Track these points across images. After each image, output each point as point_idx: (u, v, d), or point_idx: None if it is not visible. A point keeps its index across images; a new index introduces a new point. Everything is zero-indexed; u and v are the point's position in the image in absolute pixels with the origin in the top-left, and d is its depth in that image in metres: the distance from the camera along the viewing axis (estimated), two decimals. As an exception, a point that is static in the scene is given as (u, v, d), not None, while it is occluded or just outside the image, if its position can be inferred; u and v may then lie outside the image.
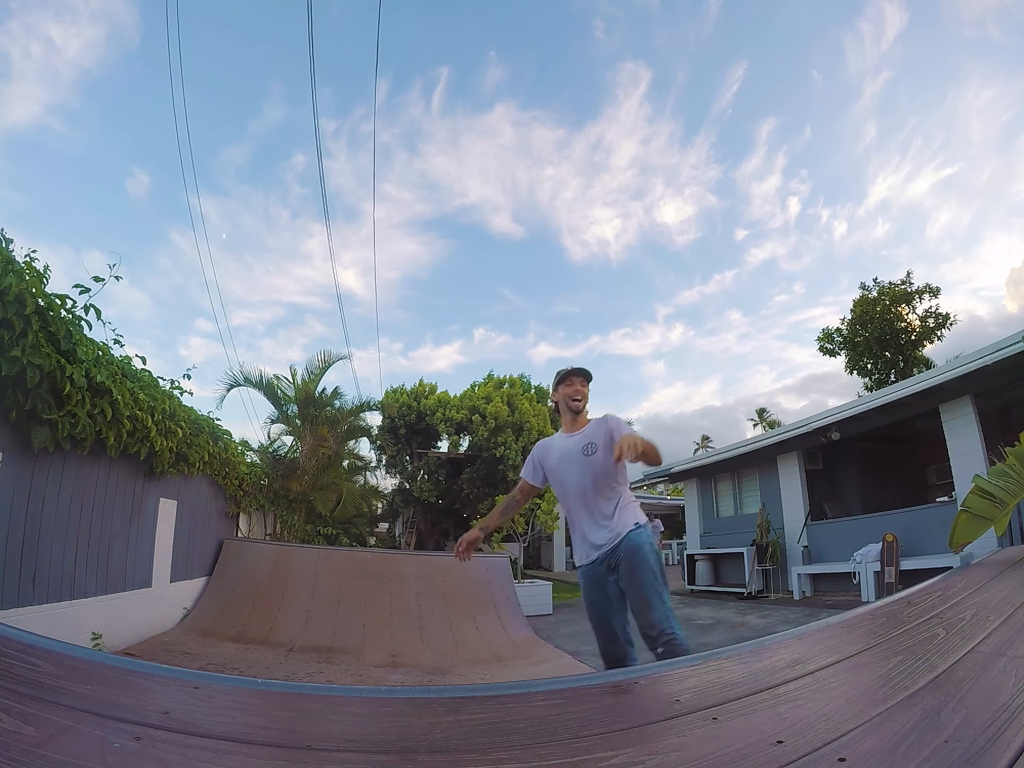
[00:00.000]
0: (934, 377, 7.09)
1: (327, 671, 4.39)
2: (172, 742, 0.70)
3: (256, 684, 1.16)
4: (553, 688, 1.08)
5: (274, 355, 50.02)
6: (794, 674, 1.04)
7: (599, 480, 2.26)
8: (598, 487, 2.26)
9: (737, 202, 43.46)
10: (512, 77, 35.51)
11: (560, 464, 2.36)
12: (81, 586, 3.69)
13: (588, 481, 2.26)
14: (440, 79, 30.95)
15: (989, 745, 0.62)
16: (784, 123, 38.35)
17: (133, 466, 4.34)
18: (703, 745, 0.73)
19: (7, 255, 2.86)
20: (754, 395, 70.99)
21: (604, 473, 2.26)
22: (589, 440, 2.29)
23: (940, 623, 1.22)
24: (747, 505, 10.79)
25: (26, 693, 0.80)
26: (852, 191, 41.71)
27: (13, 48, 15.53)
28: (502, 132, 34.22)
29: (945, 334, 17.55)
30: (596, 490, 2.26)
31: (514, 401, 15.56)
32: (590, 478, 2.26)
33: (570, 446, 2.34)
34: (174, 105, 7.88)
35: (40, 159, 20.41)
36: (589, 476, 2.26)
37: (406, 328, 45.05)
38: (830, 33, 29.60)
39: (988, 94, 29.65)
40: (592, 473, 2.26)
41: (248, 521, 7.45)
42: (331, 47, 16.76)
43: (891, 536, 6.68)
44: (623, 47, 32.56)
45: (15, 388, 2.89)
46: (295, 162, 26.91)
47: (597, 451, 2.25)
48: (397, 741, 0.82)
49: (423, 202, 36.17)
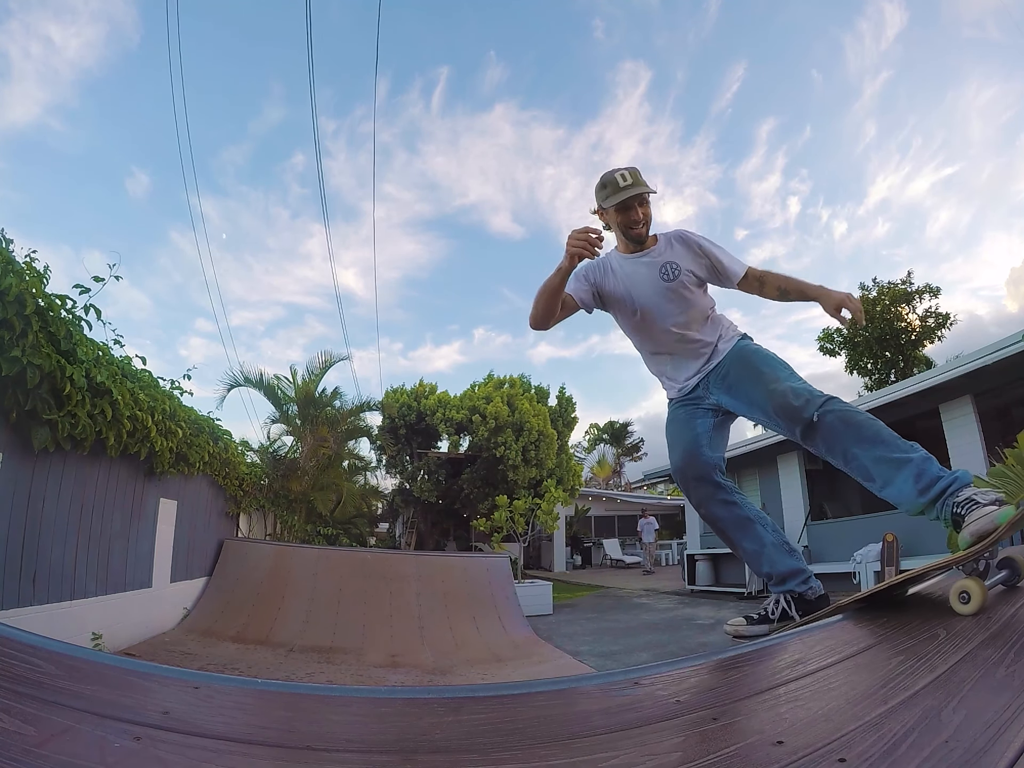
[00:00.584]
0: (934, 377, 7.10)
1: (327, 671, 4.39)
2: (172, 742, 0.70)
3: (256, 684, 1.16)
4: (553, 688, 1.08)
5: (274, 355, 50.07)
6: (794, 674, 1.04)
7: (691, 311, 1.84)
8: (692, 319, 1.85)
9: (737, 202, 43.47)
10: (512, 77, 35.57)
11: (629, 292, 1.85)
12: (81, 586, 3.69)
13: (673, 311, 1.82)
14: (440, 79, 30.99)
15: (989, 745, 0.62)
16: (784, 123, 38.38)
17: (133, 466, 4.34)
18: (703, 745, 0.73)
19: (7, 255, 2.87)
20: (754, 395, 70.83)
21: (694, 302, 1.84)
22: (667, 260, 1.82)
23: (940, 623, 1.22)
24: (747, 505, 10.79)
25: (26, 693, 0.80)
26: (852, 191, 41.73)
27: (13, 48, 15.55)
28: (502, 132, 34.24)
29: (945, 334, 17.58)
30: (688, 324, 1.84)
31: (514, 401, 15.56)
32: (676, 307, 1.82)
33: (641, 269, 1.84)
34: (174, 105, 7.89)
35: (40, 159, 20.45)
36: (676, 305, 1.82)
37: (406, 328, 45.07)
38: (830, 33, 29.67)
39: (988, 93, 29.70)
40: (678, 300, 1.81)
41: (248, 521, 7.45)
42: (330, 47, 16.79)
43: (891, 536, 6.68)
44: (623, 47, 32.60)
45: (15, 388, 2.90)
46: (295, 162, 26.93)
47: (680, 274, 1.80)
48: (397, 741, 0.82)
49: (423, 202, 36.20)
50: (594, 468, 32.83)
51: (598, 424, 35.76)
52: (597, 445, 34.82)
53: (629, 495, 22.88)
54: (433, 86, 31.37)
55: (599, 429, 35.43)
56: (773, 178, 41.13)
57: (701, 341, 1.87)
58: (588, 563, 17.98)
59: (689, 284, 1.83)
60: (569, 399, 17.97)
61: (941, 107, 32.55)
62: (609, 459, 33.67)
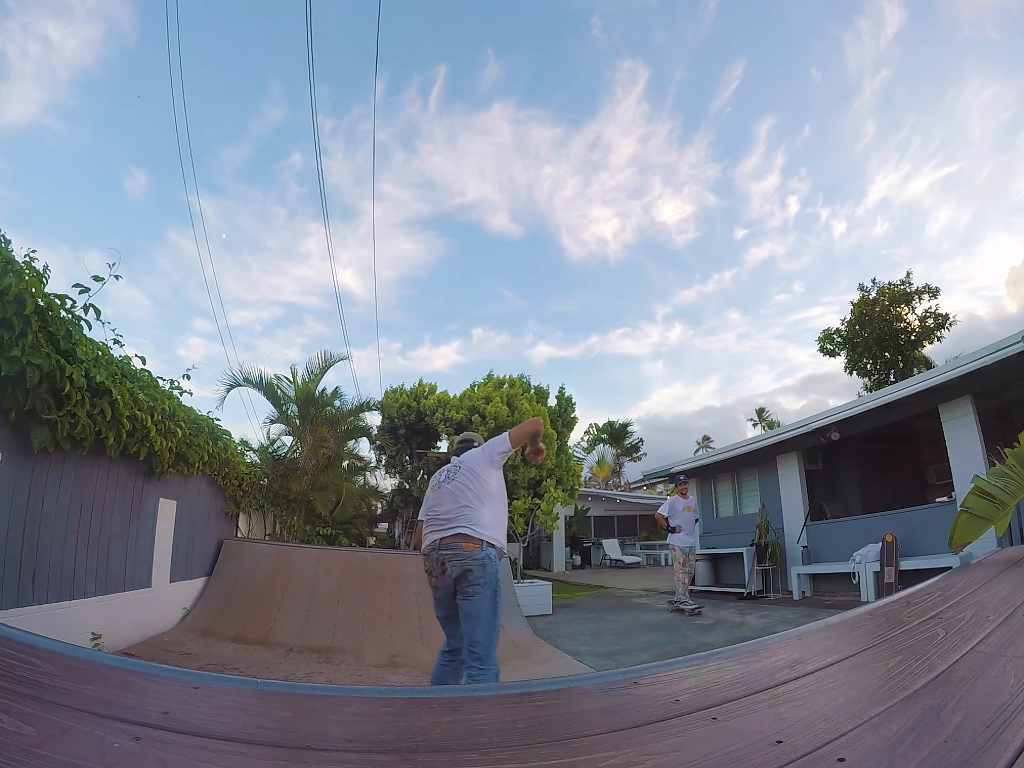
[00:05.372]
0: (934, 377, 7.10)
1: (327, 671, 4.39)
2: (172, 742, 0.70)
3: (256, 684, 1.16)
4: (552, 688, 1.09)
5: (272, 355, 49.92)
6: (793, 674, 1.04)
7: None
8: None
9: (736, 201, 43.43)
10: (510, 75, 35.46)
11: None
12: (81, 586, 3.69)
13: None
14: (437, 77, 30.90)
15: (988, 745, 0.62)
16: (783, 121, 38.30)
17: (133, 466, 4.34)
18: (702, 745, 0.74)
19: (6, 255, 2.86)
20: (753, 395, 70.99)
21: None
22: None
23: (939, 623, 1.22)
24: (747, 505, 10.80)
25: (26, 693, 0.80)
26: (851, 190, 41.70)
27: (10, 47, 15.51)
28: (500, 131, 34.19)
29: (945, 334, 17.59)
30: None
31: (514, 401, 15.56)
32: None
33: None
34: (173, 104, 7.88)
35: (38, 159, 20.39)
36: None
37: (404, 328, 45.01)
38: (829, 31, 29.57)
39: (988, 92, 29.66)
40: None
41: (248, 521, 7.45)
42: (328, 46, 16.75)
43: (891, 536, 6.68)
44: (621, 45, 32.51)
45: (15, 388, 2.89)
46: (292, 161, 26.87)
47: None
48: (397, 741, 0.82)
49: (421, 201, 36.13)
50: (593, 468, 32.84)
51: (597, 424, 35.81)
52: (596, 445, 34.84)
53: (628, 495, 22.90)
54: (431, 85, 31.29)
55: (598, 429, 35.46)
56: (772, 177, 41.13)
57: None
58: (587, 563, 17.97)
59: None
60: (569, 399, 17.97)
61: (940, 106, 32.52)
62: (608, 459, 33.69)
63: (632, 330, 59.12)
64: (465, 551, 2.60)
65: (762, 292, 53.38)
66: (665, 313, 56.12)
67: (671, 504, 7.70)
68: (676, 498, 7.82)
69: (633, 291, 53.67)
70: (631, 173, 41.62)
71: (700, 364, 62.92)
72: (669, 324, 57.27)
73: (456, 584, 2.64)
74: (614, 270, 48.14)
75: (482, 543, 2.62)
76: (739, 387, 63.28)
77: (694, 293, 51.46)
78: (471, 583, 2.58)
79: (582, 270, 46.79)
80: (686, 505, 7.62)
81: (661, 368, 62.79)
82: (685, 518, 7.48)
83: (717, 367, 64.07)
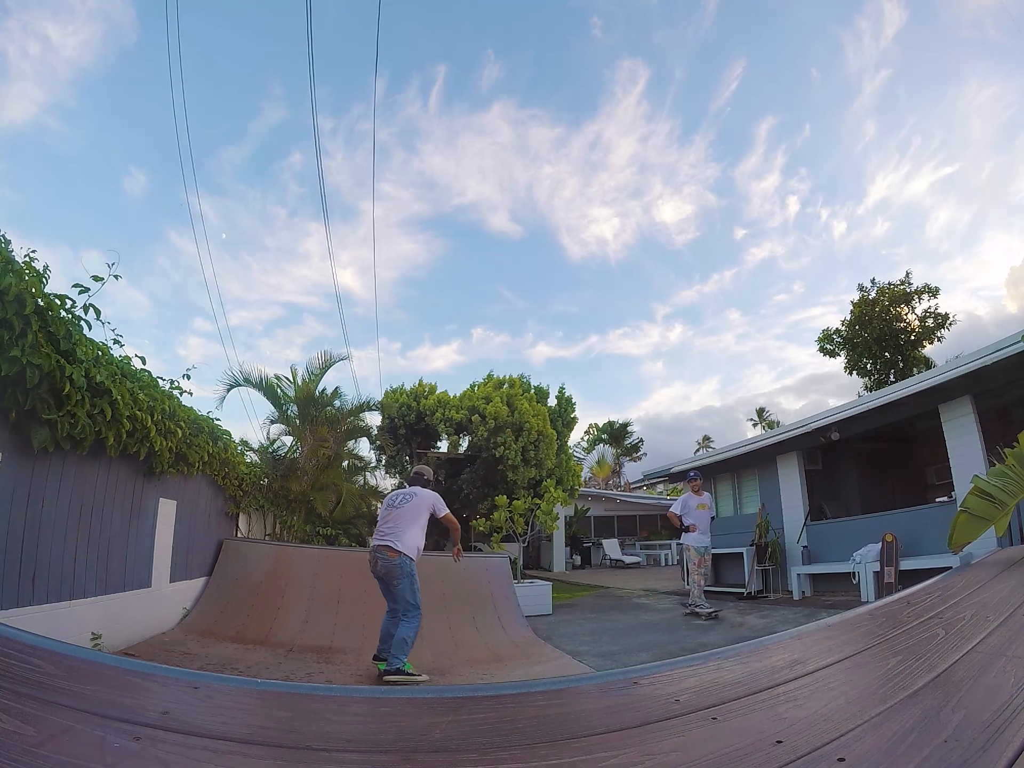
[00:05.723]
0: (934, 377, 7.10)
1: (326, 671, 4.39)
2: (172, 742, 0.70)
3: (256, 684, 1.16)
4: (552, 688, 1.09)
5: (272, 355, 49.96)
6: (793, 674, 1.04)
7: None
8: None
9: (736, 201, 43.46)
10: (509, 75, 35.46)
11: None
12: (81, 586, 3.68)
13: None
14: (437, 77, 30.89)
15: (988, 745, 0.62)
16: (783, 121, 38.34)
17: (133, 466, 4.34)
18: (702, 745, 0.73)
19: (6, 255, 2.86)
20: (754, 395, 71.06)
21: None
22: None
23: (939, 623, 1.22)
24: (746, 505, 10.80)
25: (26, 693, 0.80)
26: (851, 190, 41.74)
27: (10, 47, 15.51)
28: (499, 130, 34.21)
29: (944, 334, 17.60)
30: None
31: (514, 401, 15.55)
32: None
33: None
34: (173, 104, 7.88)
35: (38, 158, 20.38)
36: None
37: (404, 328, 45.05)
38: (829, 31, 29.57)
39: (988, 93, 29.65)
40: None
41: (248, 521, 7.45)
42: (328, 45, 16.73)
43: (891, 536, 6.68)
44: (621, 45, 32.52)
45: (15, 388, 2.89)
46: (292, 161, 26.88)
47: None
48: (397, 741, 0.82)
49: (420, 201, 36.16)
50: (593, 468, 32.85)
51: (597, 424, 35.83)
52: (596, 445, 34.86)
53: (628, 495, 22.90)
54: (431, 84, 31.29)
55: (598, 429, 35.47)
56: (772, 177, 41.17)
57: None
58: (587, 563, 17.97)
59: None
60: (568, 399, 17.97)
61: (940, 106, 32.53)
62: (608, 459, 33.71)
63: (632, 330, 59.20)
64: (390, 558, 4.03)
65: (762, 292, 53.46)
66: (665, 313, 56.20)
67: (683, 502, 7.28)
68: (689, 495, 7.37)
69: (633, 291, 53.70)
70: (631, 173, 41.65)
71: (700, 364, 62.99)
72: (669, 324, 57.34)
73: (385, 577, 4.10)
74: (614, 270, 48.20)
75: (401, 554, 4.01)
76: (739, 387, 63.36)
77: (694, 293, 51.53)
78: (395, 577, 4.04)
79: (582, 270, 46.83)
80: (700, 503, 7.17)
81: (661, 368, 62.86)
82: (699, 516, 7.07)
83: (717, 367, 64.17)
